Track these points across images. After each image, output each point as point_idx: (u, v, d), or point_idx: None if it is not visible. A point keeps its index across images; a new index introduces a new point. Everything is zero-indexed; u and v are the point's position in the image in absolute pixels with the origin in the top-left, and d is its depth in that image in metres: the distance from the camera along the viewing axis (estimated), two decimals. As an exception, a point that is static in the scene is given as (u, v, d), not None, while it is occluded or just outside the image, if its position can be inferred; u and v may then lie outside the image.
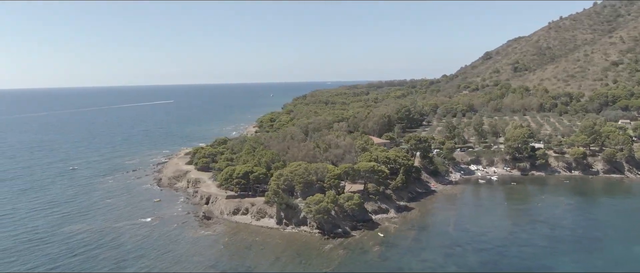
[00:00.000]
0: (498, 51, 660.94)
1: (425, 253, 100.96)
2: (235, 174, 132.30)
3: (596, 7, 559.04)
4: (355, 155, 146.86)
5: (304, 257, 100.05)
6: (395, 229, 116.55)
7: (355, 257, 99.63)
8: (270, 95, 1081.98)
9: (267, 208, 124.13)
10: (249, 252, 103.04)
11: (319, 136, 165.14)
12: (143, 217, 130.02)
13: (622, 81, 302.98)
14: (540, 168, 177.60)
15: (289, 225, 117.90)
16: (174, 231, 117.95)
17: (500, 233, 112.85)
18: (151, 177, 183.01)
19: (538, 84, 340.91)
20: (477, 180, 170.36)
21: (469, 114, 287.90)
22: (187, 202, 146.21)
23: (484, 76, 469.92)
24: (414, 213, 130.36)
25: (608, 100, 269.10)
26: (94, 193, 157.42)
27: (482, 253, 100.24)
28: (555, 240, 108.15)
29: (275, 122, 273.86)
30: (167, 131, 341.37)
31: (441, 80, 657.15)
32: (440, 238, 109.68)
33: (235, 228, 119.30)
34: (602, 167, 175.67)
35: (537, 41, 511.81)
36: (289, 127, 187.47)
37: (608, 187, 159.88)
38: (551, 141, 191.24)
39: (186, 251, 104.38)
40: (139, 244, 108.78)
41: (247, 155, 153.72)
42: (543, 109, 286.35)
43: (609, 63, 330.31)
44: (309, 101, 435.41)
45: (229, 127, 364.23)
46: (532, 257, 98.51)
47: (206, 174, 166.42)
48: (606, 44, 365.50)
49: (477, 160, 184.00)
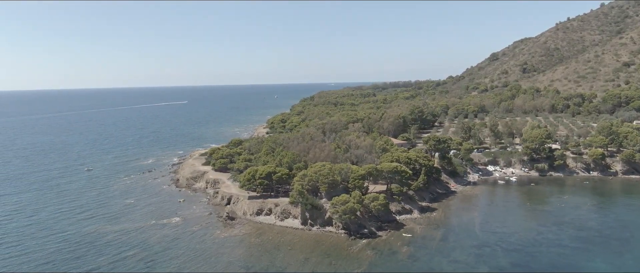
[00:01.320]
0: (504, 52, 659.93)
1: (455, 253, 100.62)
2: (257, 175, 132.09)
3: (604, 8, 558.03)
4: (376, 156, 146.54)
5: (333, 257, 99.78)
6: (421, 230, 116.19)
7: (385, 257, 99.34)
8: (274, 97, 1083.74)
9: (291, 209, 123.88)
10: (278, 253, 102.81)
11: (339, 137, 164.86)
12: (166, 217, 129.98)
13: (634, 82, 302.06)
14: (558, 170, 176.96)
15: (314, 226, 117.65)
16: (199, 232, 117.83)
17: (528, 234, 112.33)
18: (168, 178, 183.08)
19: (548, 84, 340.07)
20: (495, 181, 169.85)
21: (480, 115, 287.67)
22: (208, 202, 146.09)
23: (492, 77, 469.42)
24: (438, 213, 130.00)
25: (621, 101, 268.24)
26: (113, 194, 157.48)
27: (512, 254, 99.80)
28: (584, 241, 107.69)
29: (286, 123, 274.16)
30: (177, 132, 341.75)
31: (447, 81, 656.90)
32: (467, 239, 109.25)
33: (259, 229, 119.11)
34: (621, 167, 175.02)
35: (545, 42, 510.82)
36: (307, 128, 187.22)
37: (628, 188, 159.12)
38: (568, 142, 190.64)
39: (215, 251, 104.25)
40: (167, 245, 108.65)
41: (267, 156, 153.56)
42: (555, 110, 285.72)
43: (620, 64, 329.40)
44: (317, 102, 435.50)
45: (238, 128, 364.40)
46: (562, 257, 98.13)
47: (224, 175, 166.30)
48: (617, 44, 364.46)
49: (495, 161, 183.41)
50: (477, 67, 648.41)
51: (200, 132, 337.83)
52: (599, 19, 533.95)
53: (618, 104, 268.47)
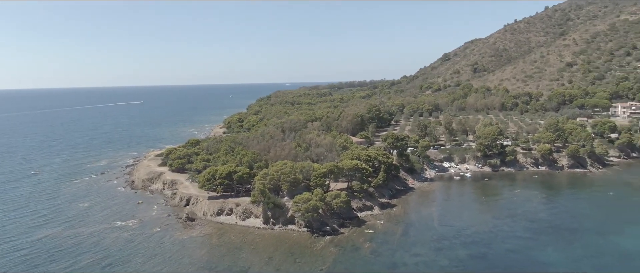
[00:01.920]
0: (456, 52, 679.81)
1: (416, 248, 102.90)
2: (218, 174, 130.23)
3: (548, 11, 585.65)
4: (336, 154, 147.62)
5: (296, 255, 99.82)
6: (382, 225, 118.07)
7: (348, 253, 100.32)
8: (229, 96, 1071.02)
9: (252, 208, 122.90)
10: (240, 252, 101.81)
11: (299, 135, 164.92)
12: (123, 220, 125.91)
13: (577, 81, 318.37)
14: (509, 165, 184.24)
15: (277, 225, 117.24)
16: (158, 234, 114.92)
17: (484, 227, 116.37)
18: (122, 180, 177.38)
19: (498, 84, 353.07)
20: (451, 176, 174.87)
21: (434, 113, 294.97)
22: (165, 204, 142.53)
23: (445, 77, 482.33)
24: (397, 209, 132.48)
25: (565, 99, 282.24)
26: (64, 198, 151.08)
27: (470, 247, 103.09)
28: (536, 231, 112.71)
29: (243, 122, 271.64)
30: (131, 133, 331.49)
31: (402, 80, 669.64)
32: (427, 233, 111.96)
33: (221, 229, 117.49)
34: (567, 162, 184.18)
35: (494, 43, 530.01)
36: (266, 127, 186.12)
37: (574, 181, 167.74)
38: (518, 138, 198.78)
39: (175, 253, 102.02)
40: (123, 248, 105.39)
41: (226, 156, 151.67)
42: (505, 108, 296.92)
43: (563, 64, 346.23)
44: (273, 102, 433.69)
45: (194, 128, 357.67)
46: (517, 248, 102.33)
47: (182, 175, 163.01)
48: (560, 45, 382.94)
49: (450, 157, 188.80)
50: (430, 67, 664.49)
51: (155, 133, 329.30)
52: (543, 21, 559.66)
53: (562, 101, 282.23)
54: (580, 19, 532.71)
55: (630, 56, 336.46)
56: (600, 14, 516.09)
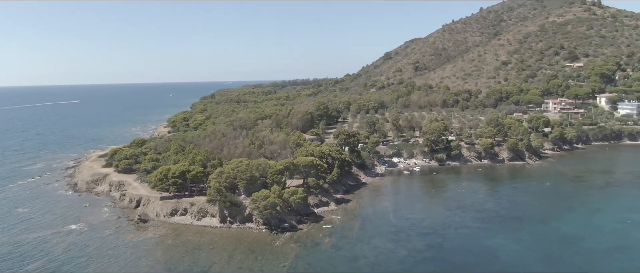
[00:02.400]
0: (397, 51, 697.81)
1: (374, 240, 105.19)
2: (170, 174, 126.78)
3: (482, 12, 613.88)
4: (290, 152, 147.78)
5: (257, 253, 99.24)
6: (339, 220, 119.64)
7: (309, 249, 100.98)
8: (169, 95, 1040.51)
9: (208, 207, 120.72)
10: (199, 253, 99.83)
11: (252, 133, 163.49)
12: (69, 224, 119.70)
13: (512, 79, 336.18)
14: (455, 159, 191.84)
15: (234, 223, 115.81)
16: (110, 237, 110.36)
17: (437, 218, 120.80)
18: (63, 183, 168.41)
19: (439, 81, 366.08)
20: (401, 171, 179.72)
21: (380, 110, 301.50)
22: (114, 206, 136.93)
23: (388, 75, 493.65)
24: (353, 204, 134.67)
25: (502, 96, 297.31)
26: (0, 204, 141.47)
27: (426, 237, 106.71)
28: (485, 221, 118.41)
29: (189, 121, 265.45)
30: (69, 134, 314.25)
31: (345, 79, 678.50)
32: (384, 226, 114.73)
33: (176, 230, 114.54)
34: (507, 155, 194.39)
35: (434, 42, 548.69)
36: (217, 125, 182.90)
37: (514, 173, 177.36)
38: (462, 134, 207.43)
39: (130, 255, 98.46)
40: (74, 253, 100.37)
41: (177, 155, 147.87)
42: (446, 105, 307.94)
43: (499, 63, 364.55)
44: (218, 100, 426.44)
45: (135, 128, 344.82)
46: (469, 237, 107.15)
47: (129, 176, 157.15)
48: (496, 45, 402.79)
49: (399, 153, 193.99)
50: (373, 66, 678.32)
51: (94, 133, 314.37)
52: (478, 22, 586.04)
53: (499, 98, 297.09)
54: (512, 20, 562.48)
55: (558, 55, 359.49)
56: (530, 15, 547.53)
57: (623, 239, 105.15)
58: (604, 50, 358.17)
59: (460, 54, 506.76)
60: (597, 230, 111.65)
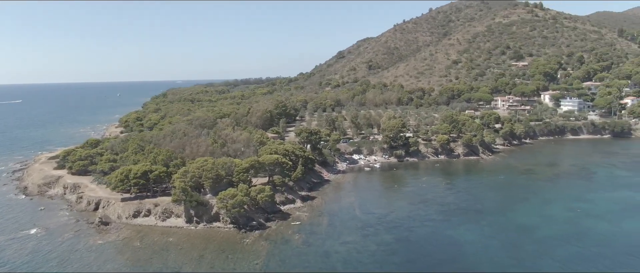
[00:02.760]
0: (350, 50, 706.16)
1: (344, 236, 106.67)
2: (132, 174, 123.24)
3: (432, 13, 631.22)
4: (254, 150, 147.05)
5: (228, 252, 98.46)
6: (307, 217, 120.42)
7: (279, 246, 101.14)
8: (116, 94, 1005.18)
9: (173, 208, 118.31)
10: (168, 254, 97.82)
11: (214, 132, 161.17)
12: (23, 229, 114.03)
13: (462, 77, 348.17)
14: (413, 155, 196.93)
15: (201, 223, 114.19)
16: (69, 241, 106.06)
17: (401, 212, 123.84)
18: (12, 186, 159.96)
19: (393, 80, 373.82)
20: (361, 168, 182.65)
21: (337, 108, 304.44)
22: (69, 209, 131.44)
23: (342, 74, 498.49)
24: (318, 201, 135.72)
25: (454, 93, 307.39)
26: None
27: (392, 231, 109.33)
28: (447, 214, 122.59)
29: (143, 120, 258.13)
30: (11, 136, 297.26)
31: (299, 78, 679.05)
32: (351, 222, 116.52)
33: (140, 232, 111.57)
34: (462, 150, 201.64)
35: (386, 42, 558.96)
36: (177, 124, 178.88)
37: (470, 167, 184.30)
38: (419, 130, 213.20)
39: (94, 260, 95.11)
40: (31, 259, 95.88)
41: (136, 155, 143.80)
42: (401, 103, 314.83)
43: (450, 62, 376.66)
44: (171, 99, 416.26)
45: (84, 128, 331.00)
46: (435, 229, 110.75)
47: (85, 178, 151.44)
48: (446, 44, 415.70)
49: (359, 150, 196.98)
50: (326, 65, 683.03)
51: (41, 135, 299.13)
52: (428, 22, 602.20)
53: (452, 96, 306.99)
54: (460, 20, 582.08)
55: (505, 55, 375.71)
56: (477, 16, 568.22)
57: (574, 226, 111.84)
58: (546, 50, 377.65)
59: (411, 53, 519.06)
60: (550, 218, 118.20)
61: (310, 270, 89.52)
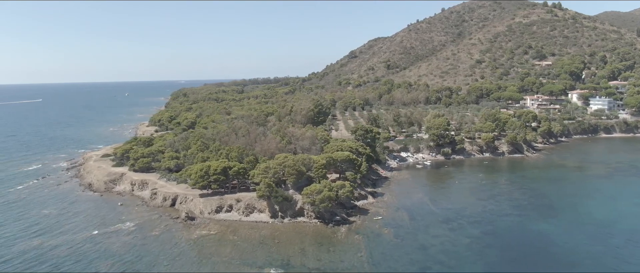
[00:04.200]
0: (361, 50, 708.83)
1: (431, 230, 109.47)
2: (212, 171, 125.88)
3: (445, 13, 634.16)
4: (319, 147, 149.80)
5: (327, 245, 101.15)
6: (385, 212, 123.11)
7: (374, 240, 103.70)
8: (125, 94, 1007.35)
9: (255, 203, 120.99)
10: (268, 247, 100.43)
11: (277, 129, 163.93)
12: (111, 224, 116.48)
13: (487, 76, 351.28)
14: (458, 153, 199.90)
15: (285, 218, 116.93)
16: (164, 235, 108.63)
17: (475, 207, 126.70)
18: (73, 183, 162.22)
19: (417, 79, 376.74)
20: (413, 165, 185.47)
21: (366, 107, 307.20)
22: (145, 205, 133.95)
23: (360, 73, 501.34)
24: (387, 197, 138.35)
25: (483, 93, 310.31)
26: (21, 206, 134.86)
27: (476, 225, 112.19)
28: (520, 209, 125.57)
29: (178, 119, 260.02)
30: (44, 135, 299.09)
31: (311, 77, 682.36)
32: (431, 217, 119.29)
33: (229, 226, 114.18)
34: (507, 148, 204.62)
35: (402, 41, 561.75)
36: (237, 121, 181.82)
37: (517, 165, 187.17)
38: (461, 128, 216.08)
39: (199, 253, 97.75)
40: (138, 252, 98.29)
41: (205, 153, 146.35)
42: (429, 102, 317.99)
43: (474, 61, 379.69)
44: (193, 99, 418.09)
45: (113, 127, 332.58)
46: (516, 223, 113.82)
47: (149, 175, 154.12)
48: (468, 44, 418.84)
49: (406, 147, 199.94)
50: (339, 64, 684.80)
51: (72, 134, 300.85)
52: (442, 22, 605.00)
53: (480, 95, 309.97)
54: (474, 20, 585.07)
55: (527, 54, 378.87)
56: (490, 16, 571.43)
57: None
58: (568, 49, 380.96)
59: (428, 52, 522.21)
60: (623, 214, 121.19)
61: (414, 261, 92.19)
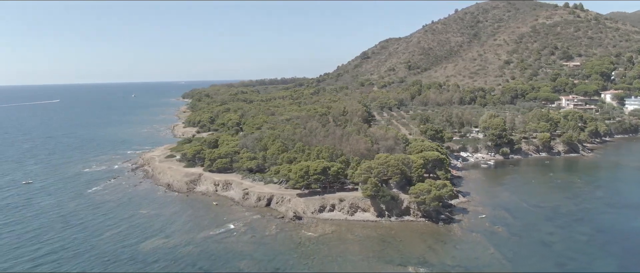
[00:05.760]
0: (374, 51, 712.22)
1: (540, 227, 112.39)
2: (311, 170, 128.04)
3: (459, 13, 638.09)
4: (402, 147, 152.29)
5: (449, 243, 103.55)
6: (484, 211, 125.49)
7: (491, 237, 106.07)
8: (132, 95, 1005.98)
9: (359, 203, 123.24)
10: (393, 245, 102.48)
11: (361, 130, 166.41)
12: (220, 225, 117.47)
13: (517, 77, 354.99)
14: (516, 153, 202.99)
15: (391, 217, 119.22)
16: (281, 234, 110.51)
17: (568, 206, 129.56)
18: (148, 184, 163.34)
19: (446, 79, 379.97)
20: (478, 165, 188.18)
21: (402, 107, 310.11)
22: (239, 204, 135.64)
23: (380, 74, 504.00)
24: (474, 196, 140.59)
25: (517, 93, 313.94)
26: (112, 206, 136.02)
27: (582, 223, 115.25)
28: (612, 206, 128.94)
29: (223, 120, 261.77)
30: (81, 137, 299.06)
31: (325, 78, 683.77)
32: (531, 215, 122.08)
33: (339, 225, 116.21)
34: (562, 148, 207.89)
35: (419, 42, 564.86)
36: (311, 122, 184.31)
37: (578, 164, 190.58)
38: (515, 128, 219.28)
39: (329, 251, 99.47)
40: (264, 250, 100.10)
41: (292, 152, 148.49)
42: (463, 102, 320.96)
43: (502, 62, 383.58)
44: (221, 100, 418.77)
45: (145, 128, 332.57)
46: (617, 221, 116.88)
47: (230, 176, 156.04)
48: (494, 45, 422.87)
49: (464, 148, 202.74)
50: (352, 65, 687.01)
51: (110, 134, 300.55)
52: (457, 23, 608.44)
53: (515, 95, 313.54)
54: (488, 21, 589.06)
55: (554, 55, 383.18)
56: (505, 17, 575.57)
57: None
58: (593, 50, 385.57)
59: (446, 53, 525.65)
60: None
61: (546, 258, 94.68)
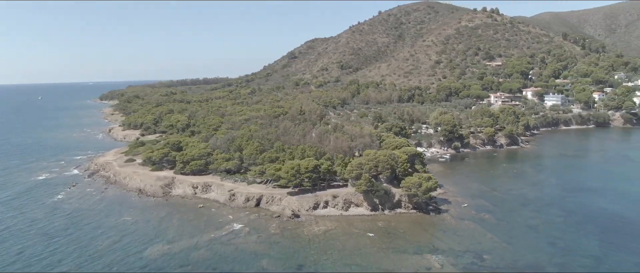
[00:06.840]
0: (301, 51, 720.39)
1: (521, 212, 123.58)
2: (303, 169, 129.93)
3: (383, 15, 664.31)
4: (377, 144, 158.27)
5: (449, 232, 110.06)
6: (464, 200, 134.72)
7: (484, 224, 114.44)
8: (38, 98, 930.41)
9: (352, 198, 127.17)
10: (399, 236, 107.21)
11: (333, 128, 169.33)
12: (217, 227, 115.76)
13: (448, 76, 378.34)
14: (465, 146, 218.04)
15: (385, 210, 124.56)
16: (286, 233, 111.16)
17: (534, 192, 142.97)
18: (114, 189, 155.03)
19: (381, 79, 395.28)
20: (436, 159, 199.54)
21: (346, 106, 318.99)
22: (225, 206, 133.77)
23: (313, 73, 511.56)
24: (448, 187, 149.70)
25: (451, 91, 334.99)
26: (84, 215, 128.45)
27: (552, 207, 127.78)
28: (581, 191, 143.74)
29: (171, 122, 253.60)
30: (11, 143, 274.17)
31: (254, 77, 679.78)
32: (507, 202, 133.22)
33: (337, 220, 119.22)
34: (505, 141, 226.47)
35: (348, 43, 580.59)
36: (284, 122, 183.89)
37: (521, 155, 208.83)
38: (462, 124, 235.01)
39: (342, 246, 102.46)
40: (278, 249, 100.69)
41: (273, 152, 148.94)
42: (401, 100, 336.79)
43: (433, 62, 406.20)
44: (157, 101, 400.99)
45: (74, 133, 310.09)
46: (585, 204, 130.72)
47: (207, 177, 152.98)
48: (423, 46, 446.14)
49: (419, 143, 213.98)
50: (280, 65, 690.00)
51: (43, 140, 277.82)
52: (382, 24, 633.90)
53: (449, 93, 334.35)
54: (411, 23, 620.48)
55: (477, 55, 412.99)
56: (426, 19, 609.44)
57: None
58: (511, 51, 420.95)
59: (374, 53, 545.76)
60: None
61: (541, 238, 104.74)
